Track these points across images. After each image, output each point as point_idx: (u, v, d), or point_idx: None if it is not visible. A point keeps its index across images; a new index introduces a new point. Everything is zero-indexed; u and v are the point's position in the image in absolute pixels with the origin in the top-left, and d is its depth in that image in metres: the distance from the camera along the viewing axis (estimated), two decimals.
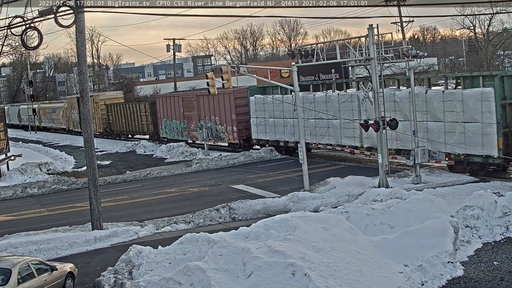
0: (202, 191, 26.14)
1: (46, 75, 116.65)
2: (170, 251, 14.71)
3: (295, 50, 25.97)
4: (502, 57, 65.89)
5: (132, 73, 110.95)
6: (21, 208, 25.76)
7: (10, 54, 41.56)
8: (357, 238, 14.47)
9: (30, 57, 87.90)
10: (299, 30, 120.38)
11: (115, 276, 13.70)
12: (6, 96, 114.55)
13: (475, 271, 13.46)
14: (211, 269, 12.82)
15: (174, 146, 39.92)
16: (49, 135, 69.03)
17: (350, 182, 22.78)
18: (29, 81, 72.46)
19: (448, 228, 14.40)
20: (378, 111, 22.43)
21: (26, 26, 16.72)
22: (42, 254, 17.19)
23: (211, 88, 23.65)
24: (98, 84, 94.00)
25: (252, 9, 65.64)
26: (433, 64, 69.21)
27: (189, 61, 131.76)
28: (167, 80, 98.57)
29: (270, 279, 12.19)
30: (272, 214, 19.09)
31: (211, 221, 20.33)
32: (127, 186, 29.61)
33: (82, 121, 19.64)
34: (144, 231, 19.36)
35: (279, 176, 27.95)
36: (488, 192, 17.02)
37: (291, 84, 24.50)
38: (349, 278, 12.34)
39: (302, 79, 44.60)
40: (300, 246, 13.28)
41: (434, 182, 22.81)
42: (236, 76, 24.01)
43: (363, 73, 54.49)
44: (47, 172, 35.72)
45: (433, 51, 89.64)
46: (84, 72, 19.35)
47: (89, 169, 19.46)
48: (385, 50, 23.92)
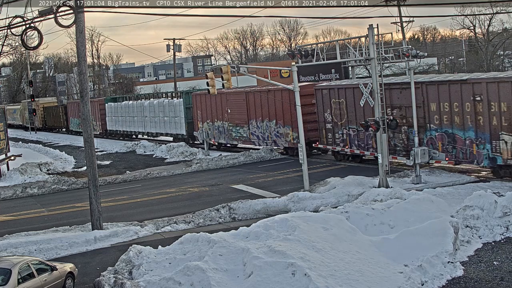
0: (202, 191, 26.14)
1: (46, 75, 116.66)
2: (170, 251, 14.71)
3: (295, 50, 25.96)
4: (502, 57, 65.92)
5: (132, 73, 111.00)
6: (21, 208, 25.76)
7: (10, 54, 41.68)
8: (357, 238, 14.47)
9: (30, 57, 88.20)
10: (299, 30, 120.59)
11: (115, 276, 13.70)
12: (6, 96, 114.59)
13: (475, 271, 13.46)
14: (211, 269, 12.82)
15: (174, 146, 39.93)
16: (49, 135, 69.10)
17: (350, 182, 22.78)
18: (29, 81, 72.60)
19: (448, 228, 14.40)
20: (378, 111, 22.44)
21: (26, 26, 16.72)
22: (42, 254, 17.19)
23: (211, 88, 23.64)
24: (98, 84, 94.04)
25: (252, 9, 65.58)
26: (433, 64, 69.16)
27: (189, 61, 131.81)
28: (167, 80, 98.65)
29: (270, 279, 12.20)
30: (272, 214, 19.09)
31: (211, 221, 20.33)
32: (127, 186, 29.62)
33: (82, 121, 19.63)
34: (144, 231, 19.36)
35: (279, 176, 27.95)
36: (488, 192, 17.01)
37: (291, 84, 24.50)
38: (349, 278, 12.34)
39: (302, 79, 44.69)
40: (300, 246, 13.28)
41: (434, 182, 22.81)
42: (236, 76, 24.04)
43: (363, 73, 54.50)
44: (47, 172, 35.72)
45: (433, 51, 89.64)
46: (84, 72, 19.34)
47: (89, 169, 19.45)
48: (385, 50, 23.91)
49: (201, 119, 41.54)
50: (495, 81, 22.01)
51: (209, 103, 40.34)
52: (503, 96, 21.68)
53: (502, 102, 21.77)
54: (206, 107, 40.89)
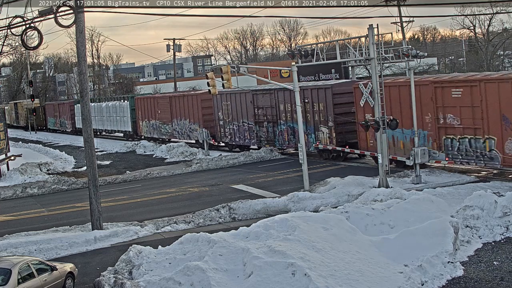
0: (202, 191, 26.14)
1: (46, 75, 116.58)
2: (170, 251, 14.70)
3: (295, 50, 25.96)
4: (502, 57, 65.94)
5: (132, 73, 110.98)
6: (21, 208, 25.76)
7: (10, 54, 41.67)
8: (357, 238, 14.47)
9: (30, 57, 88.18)
10: (299, 30, 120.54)
11: (115, 276, 13.70)
12: (6, 96, 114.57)
13: (475, 271, 13.46)
14: (211, 269, 12.82)
15: (174, 146, 39.98)
16: (49, 135, 69.12)
17: (350, 182, 22.78)
18: (29, 81, 72.57)
19: (448, 228, 14.40)
20: (378, 111, 22.44)
21: (26, 26, 16.72)
22: (42, 254, 17.19)
23: (212, 88, 23.62)
24: (98, 84, 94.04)
25: (252, 9, 65.60)
26: (433, 64, 69.16)
27: (189, 61, 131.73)
28: (167, 80, 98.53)
29: (270, 279, 12.20)
30: (272, 214, 19.08)
31: (211, 221, 20.33)
32: (127, 186, 29.62)
33: (82, 121, 19.63)
34: (144, 231, 19.36)
35: (279, 176, 27.95)
36: (488, 192, 17.01)
37: (291, 84, 24.53)
38: (349, 278, 12.34)
39: (302, 79, 44.78)
40: (300, 246, 13.28)
41: (434, 182, 22.81)
42: (236, 76, 24.01)
43: (363, 73, 54.50)
44: (47, 172, 35.71)
45: (433, 51, 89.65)
46: (84, 72, 19.34)
47: (89, 169, 19.45)
48: (385, 50, 23.89)
49: (141, 118, 50.58)
50: (316, 88, 30.94)
51: (146, 105, 49.54)
52: (321, 98, 30.51)
53: (320, 103, 30.57)
54: (144, 109, 49.92)
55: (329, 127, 30.17)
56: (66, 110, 68.44)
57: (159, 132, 47.48)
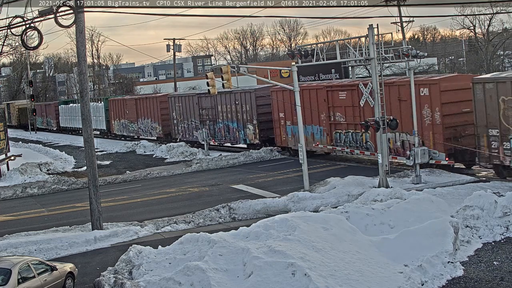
0: (202, 191, 26.14)
1: (46, 75, 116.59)
2: (170, 251, 14.71)
3: (295, 50, 25.94)
4: (502, 57, 65.97)
5: (132, 73, 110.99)
6: (21, 208, 25.76)
7: (10, 54, 41.63)
8: (357, 238, 14.47)
9: (30, 57, 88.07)
10: (299, 30, 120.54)
11: (115, 276, 13.70)
12: (6, 96, 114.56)
13: (475, 271, 13.46)
14: (211, 269, 12.82)
15: (174, 146, 39.97)
16: (49, 135, 69.13)
17: (350, 182, 22.78)
18: (29, 81, 72.67)
19: (448, 228, 14.40)
20: (378, 111, 22.44)
21: (26, 26, 16.72)
22: (42, 254, 17.19)
23: (211, 88, 23.62)
24: (98, 84, 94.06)
25: (252, 9, 65.59)
26: (433, 64, 69.15)
27: (189, 61, 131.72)
28: (167, 80, 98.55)
29: (270, 279, 12.20)
30: (272, 214, 19.08)
31: (211, 221, 20.33)
32: (127, 186, 29.62)
33: (82, 121, 19.61)
34: (144, 231, 19.36)
35: (279, 176, 27.96)
36: (488, 192, 17.01)
37: (292, 84, 24.54)
38: (349, 278, 12.34)
39: (302, 79, 44.72)
40: (300, 246, 13.28)
41: (434, 182, 22.80)
42: (236, 76, 24.02)
43: (363, 73, 54.51)
44: (47, 172, 35.70)
45: (433, 51, 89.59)
46: (84, 72, 19.34)
47: (89, 169, 19.45)
48: (385, 50, 23.88)
49: (113, 118, 55.84)
50: (244, 92, 35.48)
51: (118, 106, 54.47)
52: (247, 101, 35.81)
53: (247, 104, 35.79)
54: (116, 109, 54.88)
55: (254, 124, 35.72)
56: (52, 111, 73.92)
57: (128, 130, 53.15)
